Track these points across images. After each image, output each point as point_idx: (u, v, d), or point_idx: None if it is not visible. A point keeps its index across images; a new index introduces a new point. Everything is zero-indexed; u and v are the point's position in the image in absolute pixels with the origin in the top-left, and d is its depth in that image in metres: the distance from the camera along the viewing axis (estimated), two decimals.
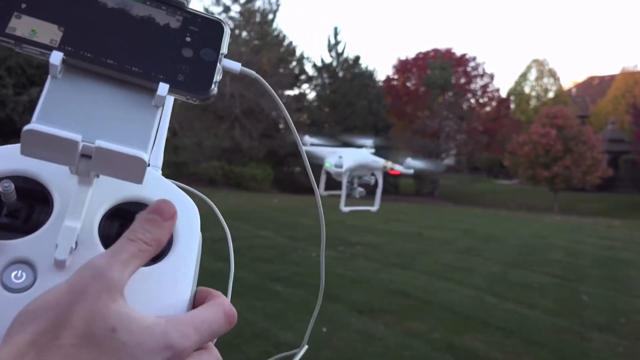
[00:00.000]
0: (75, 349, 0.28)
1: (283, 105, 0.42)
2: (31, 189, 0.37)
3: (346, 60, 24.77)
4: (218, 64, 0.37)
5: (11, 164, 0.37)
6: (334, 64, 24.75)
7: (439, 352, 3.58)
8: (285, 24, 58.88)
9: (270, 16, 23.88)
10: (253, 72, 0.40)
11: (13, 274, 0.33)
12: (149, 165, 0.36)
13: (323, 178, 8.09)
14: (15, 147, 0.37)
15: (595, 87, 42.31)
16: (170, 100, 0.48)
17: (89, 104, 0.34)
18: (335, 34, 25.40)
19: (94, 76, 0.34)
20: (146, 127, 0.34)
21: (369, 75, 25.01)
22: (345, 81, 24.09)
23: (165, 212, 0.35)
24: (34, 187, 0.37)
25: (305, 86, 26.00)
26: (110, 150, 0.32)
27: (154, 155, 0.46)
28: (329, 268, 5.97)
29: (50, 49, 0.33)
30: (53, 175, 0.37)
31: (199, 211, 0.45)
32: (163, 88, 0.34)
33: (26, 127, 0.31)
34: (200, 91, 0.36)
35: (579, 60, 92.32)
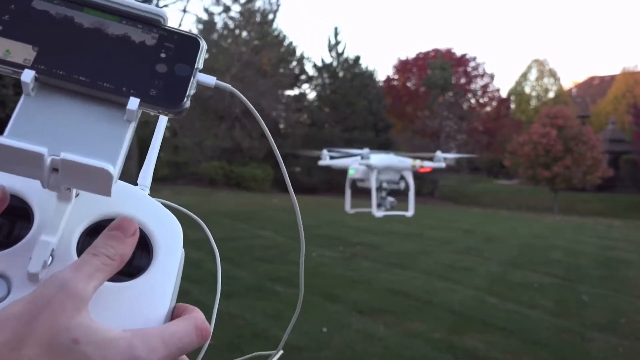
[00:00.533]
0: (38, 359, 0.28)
1: (259, 116, 0.43)
2: (13, 205, 0.37)
3: (346, 60, 24.79)
4: (192, 79, 0.37)
5: None
6: (334, 64, 24.76)
7: (439, 352, 3.58)
8: (285, 24, 58.85)
9: (271, 16, 23.90)
10: (228, 85, 0.41)
11: None
12: (138, 182, 0.36)
13: (348, 194, 7.95)
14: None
15: (595, 87, 42.30)
16: (163, 120, 0.49)
17: (60, 120, 0.34)
18: (336, 34, 25.42)
19: (66, 93, 0.35)
20: (116, 141, 0.35)
21: (369, 75, 25.02)
22: (346, 81, 24.10)
23: (127, 229, 0.36)
24: (16, 204, 0.38)
25: (305, 86, 26.02)
26: (74, 162, 0.32)
27: (143, 174, 0.47)
28: (329, 268, 5.97)
29: (23, 67, 0.34)
30: (36, 192, 0.38)
31: (195, 212, 0.45)
32: (133, 102, 0.35)
33: None
34: (172, 105, 0.36)
35: (579, 60, 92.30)
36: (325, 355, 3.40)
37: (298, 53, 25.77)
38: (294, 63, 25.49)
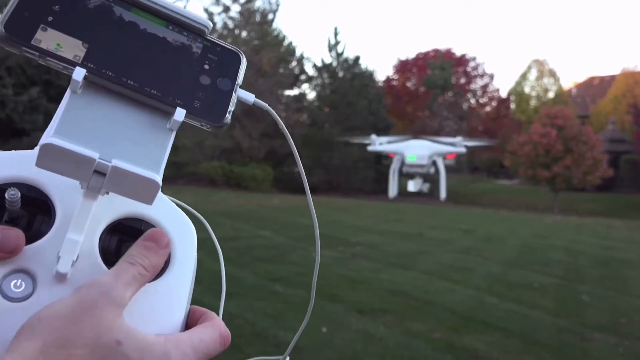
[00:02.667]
0: (83, 358, 0.29)
1: (288, 133, 0.43)
2: (34, 197, 0.37)
3: (346, 60, 24.79)
4: (233, 94, 0.38)
5: (18, 171, 0.37)
6: (334, 64, 24.77)
7: (439, 352, 3.58)
8: (285, 24, 58.90)
9: (270, 16, 23.89)
10: (265, 105, 0.41)
11: (12, 283, 0.33)
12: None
13: (394, 181, 8.12)
14: (24, 154, 0.38)
15: (595, 87, 42.30)
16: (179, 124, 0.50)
17: (106, 122, 0.34)
18: (335, 34, 25.42)
19: (112, 95, 0.35)
20: (160, 149, 0.35)
21: (369, 76, 25.03)
22: (346, 81, 24.11)
23: (160, 241, 0.36)
24: (37, 196, 0.37)
25: (305, 86, 26.03)
26: (125, 171, 0.33)
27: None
28: (329, 268, 5.97)
29: (74, 64, 0.33)
30: (57, 186, 0.38)
31: (199, 211, 0.45)
32: (180, 113, 0.35)
33: (44, 141, 0.31)
34: (215, 119, 0.36)
35: (579, 60, 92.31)
36: (325, 355, 3.40)
37: (298, 53, 25.79)
38: (294, 63, 25.50)
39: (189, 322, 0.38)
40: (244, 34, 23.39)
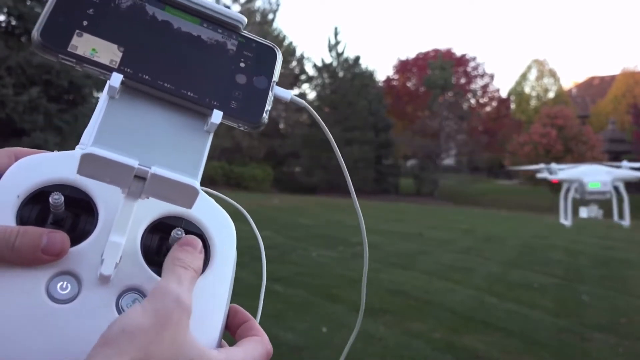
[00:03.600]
0: None
1: (330, 135, 0.42)
2: (78, 198, 0.37)
3: (346, 60, 24.79)
4: (270, 92, 0.37)
5: (62, 173, 0.37)
6: (334, 64, 24.76)
7: (439, 352, 3.58)
8: (285, 24, 58.91)
9: (270, 16, 23.90)
10: (303, 102, 0.41)
11: (59, 285, 0.34)
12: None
13: (567, 207, 7.98)
14: (66, 155, 0.38)
15: (595, 87, 42.30)
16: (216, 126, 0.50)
17: (144, 128, 0.34)
18: (336, 34, 25.43)
19: (149, 98, 0.35)
20: (198, 153, 0.35)
21: (369, 75, 25.03)
22: (346, 81, 24.11)
23: (196, 246, 0.36)
24: (81, 197, 0.37)
25: (305, 86, 26.04)
26: (164, 178, 0.33)
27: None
28: (329, 268, 5.97)
29: (110, 69, 0.33)
30: (99, 187, 0.38)
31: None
32: (217, 115, 0.35)
33: (85, 151, 0.31)
34: (252, 119, 0.36)
35: (580, 60, 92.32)
36: (325, 355, 3.40)
37: (298, 53, 25.79)
38: (294, 63, 25.50)
39: (231, 323, 0.39)
40: None
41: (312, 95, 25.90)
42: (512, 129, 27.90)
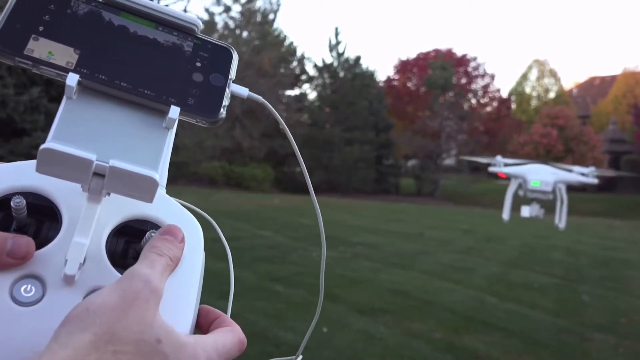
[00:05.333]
0: (129, 356, 0.29)
1: (287, 128, 0.43)
2: (41, 205, 0.37)
3: (347, 60, 24.77)
4: (227, 89, 0.38)
5: (23, 180, 0.38)
6: (335, 64, 24.74)
7: (440, 353, 3.58)
8: (286, 24, 58.90)
9: (271, 16, 23.89)
10: (260, 97, 0.42)
11: (22, 288, 0.34)
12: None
13: (508, 203, 8.23)
14: (26, 164, 0.39)
15: (596, 87, 42.26)
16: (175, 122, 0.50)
17: (102, 125, 0.35)
18: (336, 34, 25.43)
19: (107, 98, 0.35)
20: (157, 148, 0.35)
21: (369, 76, 25.01)
22: (346, 81, 24.09)
23: (177, 235, 0.37)
24: (44, 204, 0.37)
25: (306, 86, 26.01)
26: (123, 170, 0.33)
27: (160, 174, 0.48)
28: (330, 268, 5.97)
29: (67, 70, 0.34)
30: (62, 192, 0.38)
31: (202, 209, 0.46)
32: (174, 111, 0.36)
33: (43, 146, 0.32)
34: (210, 115, 0.37)
35: (580, 60, 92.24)
36: (326, 355, 3.40)
37: (299, 53, 25.77)
38: (295, 63, 25.48)
39: (202, 322, 0.39)
40: (244, 34, 23.38)
41: (312, 95, 25.92)
42: (513, 129, 27.88)
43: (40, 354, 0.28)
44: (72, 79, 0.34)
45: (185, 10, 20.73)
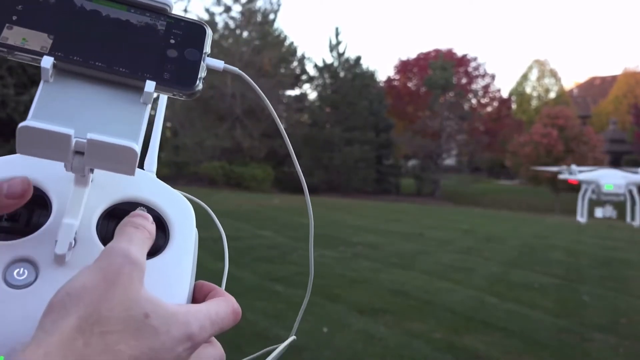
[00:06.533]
0: (117, 335, 0.28)
1: (269, 102, 0.44)
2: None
3: (347, 60, 24.78)
4: (202, 62, 0.39)
5: (11, 172, 0.39)
6: (335, 64, 24.75)
7: (440, 353, 3.58)
8: (286, 24, 58.89)
9: (272, 16, 23.90)
10: (236, 69, 0.43)
11: (15, 272, 0.35)
12: (144, 168, 0.37)
13: (583, 206, 8.86)
14: (14, 157, 0.40)
15: (596, 87, 42.25)
16: (162, 106, 0.51)
17: (81, 103, 0.35)
18: (337, 34, 25.45)
19: (84, 78, 0.36)
20: (136, 122, 0.36)
21: (370, 76, 25.01)
22: (347, 81, 24.10)
23: (147, 217, 0.37)
24: (34, 193, 0.38)
25: (306, 86, 26.03)
26: (101, 142, 0.34)
27: (149, 160, 0.49)
28: (330, 268, 5.97)
29: (41, 54, 0.35)
30: (52, 180, 0.39)
31: (195, 212, 0.46)
32: (150, 85, 0.36)
33: (21, 124, 0.33)
34: (186, 87, 0.38)
35: (581, 60, 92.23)
36: (326, 355, 3.40)
37: (299, 53, 25.79)
38: (295, 63, 25.49)
39: (197, 296, 0.39)
40: (245, 34, 23.39)
41: (313, 95, 25.93)
42: (513, 129, 27.87)
43: (26, 345, 0.28)
44: (47, 62, 0.34)
45: (185, 10, 20.75)
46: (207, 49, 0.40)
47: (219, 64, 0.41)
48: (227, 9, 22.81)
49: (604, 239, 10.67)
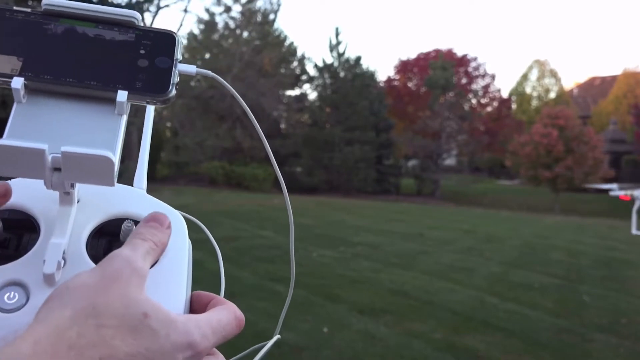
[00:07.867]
0: (113, 330, 0.28)
1: (244, 103, 0.46)
2: (19, 219, 0.39)
3: (347, 60, 24.76)
4: (174, 69, 0.39)
5: None
6: (335, 64, 24.73)
7: (440, 353, 3.58)
8: (286, 24, 58.86)
9: (272, 16, 23.90)
10: (209, 72, 0.43)
11: (6, 296, 0.35)
12: (134, 185, 0.38)
13: (636, 219, 9.51)
14: (1, 184, 0.40)
15: (596, 87, 42.23)
16: (149, 123, 0.52)
17: (54, 120, 0.36)
18: (337, 35, 25.38)
19: (57, 95, 0.37)
20: (111, 132, 0.36)
21: (370, 76, 24.99)
22: (347, 81, 24.08)
23: (163, 221, 0.38)
24: (22, 218, 0.39)
25: (306, 86, 26.02)
26: (76, 154, 0.34)
27: (138, 177, 0.49)
28: (330, 268, 5.97)
29: (11, 76, 0.35)
30: (38, 204, 0.40)
31: (196, 212, 0.46)
32: (122, 95, 0.37)
33: None
34: (159, 94, 0.38)
35: (581, 60, 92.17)
36: (326, 355, 3.40)
37: (299, 53, 25.79)
38: (295, 63, 25.49)
39: (197, 307, 0.39)
40: (245, 34, 23.38)
41: (313, 95, 25.92)
42: (513, 129, 27.85)
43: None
44: (17, 82, 0.35)
45: (185, 10, 20.73)
46: (179, 55, 0.40)
47: (191, 68, 0.41)
48: (227, 9, 22.80)
49: (604, 239, 10.67)
